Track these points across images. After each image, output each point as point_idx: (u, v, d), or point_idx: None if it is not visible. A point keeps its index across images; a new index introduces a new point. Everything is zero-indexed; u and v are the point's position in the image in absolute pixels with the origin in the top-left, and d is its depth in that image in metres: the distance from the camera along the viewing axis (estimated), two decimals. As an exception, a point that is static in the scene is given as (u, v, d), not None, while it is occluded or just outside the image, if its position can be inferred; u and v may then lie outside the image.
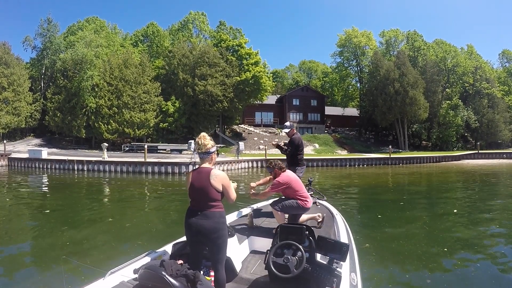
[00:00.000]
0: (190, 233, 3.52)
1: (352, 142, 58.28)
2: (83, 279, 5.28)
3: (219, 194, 3.55)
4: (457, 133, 58.39)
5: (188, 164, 26.80)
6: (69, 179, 23.98)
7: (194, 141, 4.06)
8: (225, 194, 3.64)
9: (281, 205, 5.36)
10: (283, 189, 5.47)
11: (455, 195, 17.95)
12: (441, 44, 64.74)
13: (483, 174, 29.29)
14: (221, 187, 3.55)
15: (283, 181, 5.41)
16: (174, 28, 64.30)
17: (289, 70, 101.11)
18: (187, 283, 2.93)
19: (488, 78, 62.26)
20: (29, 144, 44.02)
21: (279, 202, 5.41)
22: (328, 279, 3.40)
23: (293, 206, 5.37)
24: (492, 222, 11.09)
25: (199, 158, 3.68)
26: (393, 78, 51.18)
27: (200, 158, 3.68)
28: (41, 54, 52.20)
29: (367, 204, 15.38)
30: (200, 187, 3.51)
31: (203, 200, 3.51)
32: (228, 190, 3.62)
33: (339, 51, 65.65)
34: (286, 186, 5.41)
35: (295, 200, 5.38)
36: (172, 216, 11.78)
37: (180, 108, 45.98)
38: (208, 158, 3.66)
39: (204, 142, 3.63)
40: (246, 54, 51.62)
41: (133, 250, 7.30)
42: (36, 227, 10.13)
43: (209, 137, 3.76)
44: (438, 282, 6.03)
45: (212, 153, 3.68)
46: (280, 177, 5.49)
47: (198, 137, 3.69)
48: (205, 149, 3.62)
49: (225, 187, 3.60)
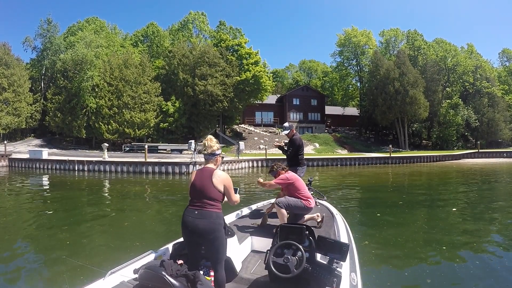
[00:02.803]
0: (186, 233, 3.52)
1: (352, 141, 58.30)
2: (83, 279, 5.30)
3: (220, 195, 3.56)
4: (457, 132, 58.35)
5: (188, 164, 26.83)
6: (69, 180, 24.01)
7: (194, 141, 4.09)
8: (226, 196, 3.68)
9: (286, 202, 5.38)
10: (287, 185, 5.58)
11: (455, 194, 17.92)
12: (441, 43, 64.72)
13: (483, 173, 29.29)
14: (223, 188, 3.58)
15: (289, 177, 5.60)
16: (174, 28, 64.45)
17: (289, 69, 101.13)
18: (187, 283, 2.95)
19: (488, 77, 62.26)
20: (30, 144, 44.15)
21: (284, 200, 5.43)
22: (328, 279, 3.39)
23: (297, 205, 5.43)
24: (492, 220, 11.10)
25: (204, 159, 3.76)
26: (393, 78, 51.20)
27: (205, 159, 3.75)
28: (41, 55, 52.43)
29: (367, 203, 15.38)
30: (201, 185, 3.54)
31: (202, 199, 3.51)
32: (229, 191, 3.66)
33: (339, 51, 65.79)
34: (291, 182, 5.55)
35: (299, 199, 5.45)
36: (172, 216, 11.77)
37: (180, 108, 46.02)
38: (213, 159, 3.73)
39: (210, 143, 3.72)
40: (246, 53, 51.63)
41: (133, 250, 7.31)
42: (36, 228, 10.12)
43: (216, 140, 3.86)
44: (438, 282, 6.04)
45: (217, 156, 3.75)
46: (287, 173, 5.71)
47: (205, 139, 3.80)
48: (211, 150, 3.70)
49: (226, 188, 3.63)
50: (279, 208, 5.33)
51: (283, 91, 77.82)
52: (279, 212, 5.36)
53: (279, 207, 5.33)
